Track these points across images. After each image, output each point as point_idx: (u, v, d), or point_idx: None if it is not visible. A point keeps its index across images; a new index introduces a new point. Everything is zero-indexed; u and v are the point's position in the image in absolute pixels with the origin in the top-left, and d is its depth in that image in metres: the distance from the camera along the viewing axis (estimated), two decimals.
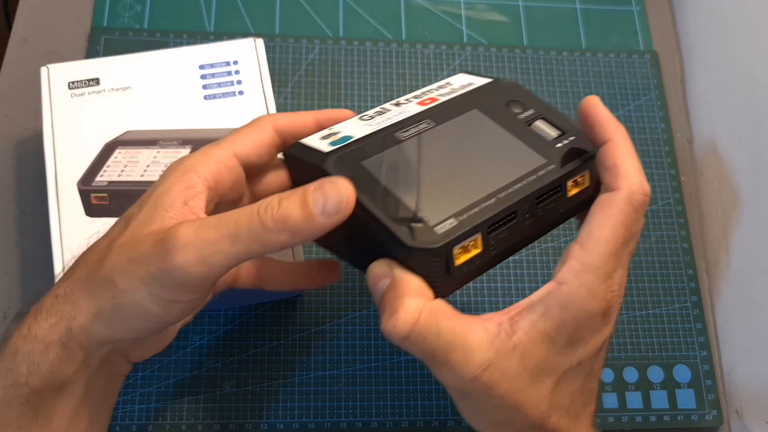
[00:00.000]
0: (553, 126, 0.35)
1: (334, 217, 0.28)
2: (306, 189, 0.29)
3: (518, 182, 0.32)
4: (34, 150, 0.51)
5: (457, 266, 0.30)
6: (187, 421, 0.45)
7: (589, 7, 0.62)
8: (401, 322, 0.29)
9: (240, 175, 0.34)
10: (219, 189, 0.33)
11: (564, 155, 0.34)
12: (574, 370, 0.32)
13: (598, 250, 0.30)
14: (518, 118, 0.36)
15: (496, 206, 0.31)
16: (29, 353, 0.30)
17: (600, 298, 0.30)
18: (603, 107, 0.33)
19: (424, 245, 0.29)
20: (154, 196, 0.31)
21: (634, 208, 0.31)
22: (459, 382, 0.30)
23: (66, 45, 0.54)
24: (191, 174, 0.32)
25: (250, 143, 0.34)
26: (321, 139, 0.34)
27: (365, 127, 0.35)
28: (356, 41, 0.57)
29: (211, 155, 0.33)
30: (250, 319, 0.48)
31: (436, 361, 0.30)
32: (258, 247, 0.29)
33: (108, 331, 0.30)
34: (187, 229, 0.28)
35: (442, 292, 0.31)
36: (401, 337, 0.29)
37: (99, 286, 0.30)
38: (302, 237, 0.29)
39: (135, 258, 0.29)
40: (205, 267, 0.28)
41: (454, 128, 0.35)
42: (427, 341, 0.29)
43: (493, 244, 0.31)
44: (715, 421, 0.49)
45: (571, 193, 0.33)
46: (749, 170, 0.51)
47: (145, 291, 0.29)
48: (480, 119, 0.35)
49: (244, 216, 0.28)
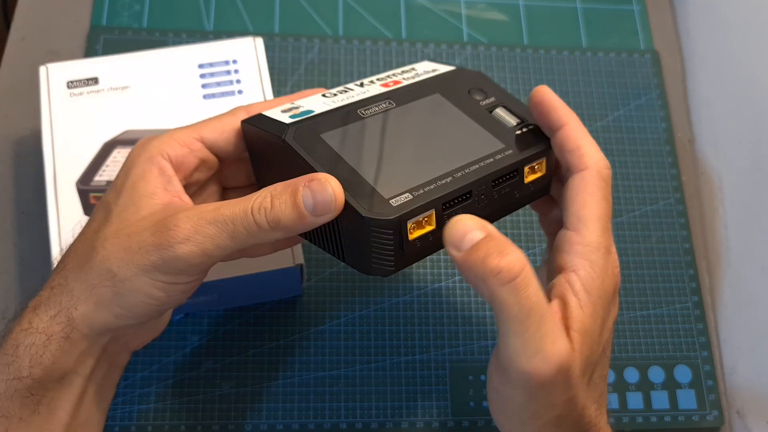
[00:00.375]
0: (513, 114, 0.36)
1: (325, 216, 0.29)
2: (295, 187, 0.29)
3: (475, 164, 0.33)
4: (33, 149, 0.50)
5: (410, 241, 0.30)
6: (186, 422, 0.45)
7: (590, 6, 0.62)
8: (516, 259, 0.27)
9: (207, 158, 0.34)
10: (183, 171, 0.34)
11: (522, 142, 0.34)
12: (603, 357, 0.32)
13: (592, 228, 0.31)
14: (480, 105, 0.36)
15: (451, 185, 0.31)
16: (31, 346, 0.30)
17: (610, 274, 0.31)
18: (554, 95, 0.34)
19: (378, 216, 0.29)
20: (129, 182, 0.32)
21: (606, 182, 0.32)
22: (532, 356, 0.28)
23: (65, 44, 0.54)
24: (158, 158, 0.33)
25: (219, 128, 0.34)
26: (282, 112, 0.34)
27: (327, 103, 0.35)
28: (356, 40, 0.57)
29: (175, 137, 0.33)
30: (249, 320, 0.48)
31: (527, 321, 0.28)
32: (254, 241, 0.30)
33: (110, 318, 0.31)
34: (186, 223, 0.29)
35: (394, 267, 0.31)
36: (514, 273, 0.27)
37: (95, 276, 0.30)
38: (295, 232, 0.30)
39: (133, 248, 0.30)
40: (206, 257, 0.30)
41: (415, 109, 0.35)
42: (530, 290, 0.28)
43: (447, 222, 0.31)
44: (716, 421, 0.49)
45: (528, 179, 0.34)
46: (750, 170, 0.51)
47: (145, 278, 0.30)
48: (441, 103, 0.36)
49: (239, 214, 0.29)
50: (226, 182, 0.38)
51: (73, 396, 0.32)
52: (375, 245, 0.30)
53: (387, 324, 0.49)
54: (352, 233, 0.30)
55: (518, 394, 0.30)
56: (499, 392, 0.31)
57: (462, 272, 0.29)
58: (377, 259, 0.30)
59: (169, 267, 0.30)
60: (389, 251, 0.30)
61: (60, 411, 0.32)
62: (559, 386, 0.29)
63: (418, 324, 0.49)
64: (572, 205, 0.32)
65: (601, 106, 0.57)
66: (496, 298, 0.28)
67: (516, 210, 0.35)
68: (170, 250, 0.29)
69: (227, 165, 0.37)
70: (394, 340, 0.48)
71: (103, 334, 0.32)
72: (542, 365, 0.28)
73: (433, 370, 0.48)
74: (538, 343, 0.28)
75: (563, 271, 0.31)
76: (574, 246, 0.31)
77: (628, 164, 0.56)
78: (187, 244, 0.29)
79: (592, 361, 0.31)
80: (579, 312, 0.30)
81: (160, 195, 0.32)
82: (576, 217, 0.32)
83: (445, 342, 0.49)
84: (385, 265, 0.30)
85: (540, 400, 0.30)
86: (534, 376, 0.28)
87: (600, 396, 0.33)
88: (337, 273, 0.50)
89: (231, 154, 0.35)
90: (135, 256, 0.30)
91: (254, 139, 0.35)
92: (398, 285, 0.50)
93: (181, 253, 0.29)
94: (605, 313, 0.31)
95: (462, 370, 0.48)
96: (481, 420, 0.47)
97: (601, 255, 0.31)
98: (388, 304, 0.49)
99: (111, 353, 0.34)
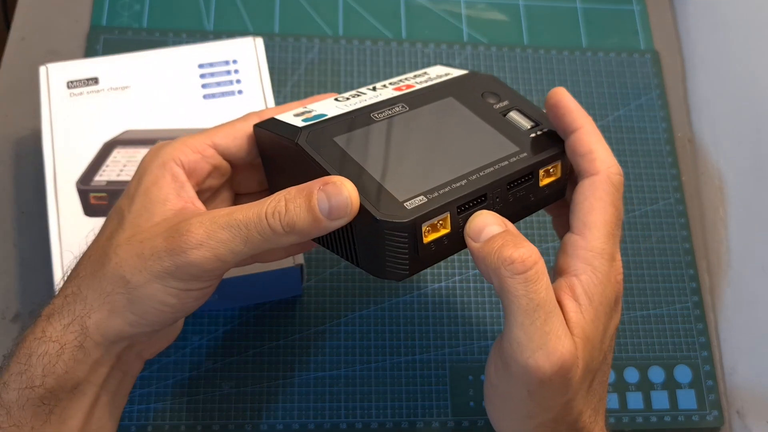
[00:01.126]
0: (527, 117, 0.36)
1: (341, 220, 0.29)
2: (310, 191, 0.29)
3: (490, 167, 0.32)
4: (33, 149, 0.50)
5: (425, 244, 0.30)
6: (186, 422, 0.45)
7: (590, 6, 0.62)
8: (530, 252, 0.28)
9: (220, 164, 0.34)
10: (196, 177, 0.33)
11: (537, 145, 0.34)
12: (603, 364, 0.32)
13: (597, 234, 0.31)
14: (493, 108, 0.36)
15: (466, 187, 0.31)
16: (44, 355, 0.30)
17: (612, 282, 0.31)
18: (571, 97, 0.34)
19: (393, 219, 0.29)
20: (142, 188, 0.32)
21: (616, 188, 0.32)
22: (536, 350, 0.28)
23: (65, 44, 0.54)
24: (171, 164, 0.32)
25: (231, 134, 0.34)
26: (294, 116, 0.34)
27: (340, 107, 0.35)
28: (356, 40, 0.57)
29: (188, 144, 0.33)
30: (249, 320, 0.48)
31: (534, 314, 0.28)
32: (268, 246, 0.30)
33: (124, 326, 0.30)
34: (199, 228, 0.29)
35: (408, 271, 0.30)
36: (526, 265, 0.28)
37: (108, 283, 0.30)
38: (310, 237, 0.30)
39: (146, 254, 0.30)
40: (219, 263, 0.29)
41: (428, 113, 0.35)
42: (540, 285, 0.28)
43: (462, 226, 0.31)
44: (716, 421, 0.49)
45: (543, 182, 0.34)
46: (750, 170, 0.51)
47: (159, 284, 0.29)
48: (455, 106, 0.36)
49: (253, 218, 0.29)
50: (239, 188, 0.38)
51: (85, 405, 0.32)
52: (389, 249, 0.29)
53: (387, 324, 0.49)
54: (366, 237, 0.30)
55: (517, 391, 0.30)
56: (497, 388, 0.31)
57: (477, 263, 0.30)
58: (392, 262, 0.30)
59: (183, 273, 0.29)
60: (404, 255, 0.30)
61: (72, 420, 0.31)
62: (558, 386, 0.29)
63: (418, 324, 0.49)
64: (579, 210, 0.32)
65: (601, 106, 0.57)
66: (506, 287, 0.28)
67: (531, 214, 0.35)
68: (183, 256, 0.29)
69: (240, 171, 0.36)
70: (394, 340, 0.48)
71: (116, 343, 0.31)
72: (544, 361, 0.28)
73: (433, 370, 0.48)
74: (543, 338, 0.28)
75: (564, 275, 0.31)
76: (578, 250, 0.31)
77: (628, 164, 0.56)
78: (201, 249, 0.29)
79: (592, 368, 0.31)
80: (579, 317, 0.30)
81: (173, 201, 0.32)
82: (582, 222, 0.31)
83: (445, 342, 0.49)
84: (399, 269, 0.30)
85: (537, 399, 0.29)
86: (535, 372, 0.28)
87: (598, 402, 0.32)
88: (337, 273, 0.50)
89: (243, 160, 0.35)
90: (148, 263, 0.29)
91: (267, 143, 0.34)
92: (398, 285, 0.50)
93: (194, 258, 0.29)
94: (607, 320, 0.31)
95: (462, 370, 0.48)
96: (481, 420, 0.47)
97: (605, 261, 0.31)
98: (388, 304, 0.49)
99: (125, 362, 0.33)
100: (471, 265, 0.51)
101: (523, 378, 0.29)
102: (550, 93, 0.34)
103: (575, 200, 0.32)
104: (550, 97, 0.34)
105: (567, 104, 0.34)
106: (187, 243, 0.29)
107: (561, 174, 0.34)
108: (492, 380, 0.31)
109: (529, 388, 0.29)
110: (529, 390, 0.29)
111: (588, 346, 0.30)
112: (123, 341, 0.32)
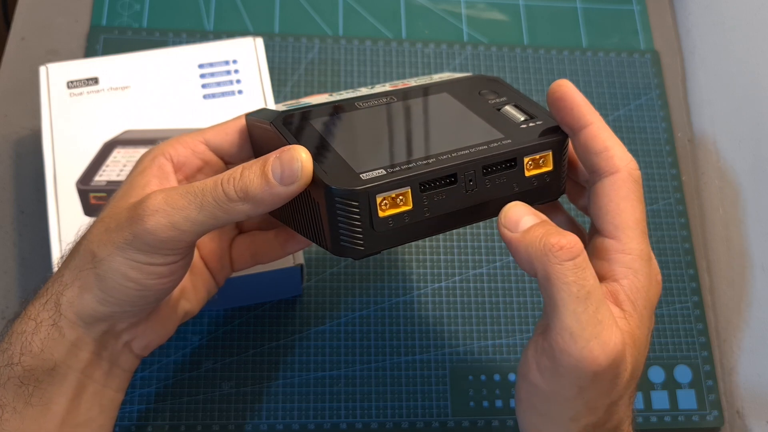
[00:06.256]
0: (523, 111, 0.34)
1: (293, 185, 0.28)
2: (266, 158, 0.29)
3: (466, 149, 0.31)
4: (33, 149, 0.50)
5: (381, 218, 0.29)
6: (186, 422, 0.45)
7: (590, 5, 0.62)
8: (576, 240, 0.27)
9: (210, 159, 0.35)
10: (185, 171, 0.34)
11: (525, 133, 0.32)
12: (641, 371, 0.31)
13: (631, 235, 0.30)
14: (488, 103, 0.35)
15: (433, 165, 0.30)
16: (22, 333, 0.31)
17: (654, 281, 0.30)
18: (577, 90, 0.32)
19: (343, 186, 0.28)
20: (129, 178, 0.34)
21: (639, 184, 0.31)
22: (590, 339, 0.27)
23: (65, 44, 0.54)
24: (160, 157, 0.34)
25: (223, 130, 0.35)
26: (284, 106, 0.35)
27: (329, 99, 0.35)
28: (356, 40, 0.57)
29: (179, 140, 0.35)
30: (249, 320, 0.48)
31: (587, 301, 0.27)
32: (223, 215, 0.29)
33: (94, 304, 0.31)
34: (157, 196, 0.30)
35: (364, 247, 0.29)
36: (575, 251, 0.27)
37: (80, 259, 0.31)
38: (264, 206, 0.29)
39: (111, 227, 0.30)
40: (175, 231, 0.29)
41: (416, 104, 0.34)
42: (589, 272, 0.27)
43: (427, 205, 0.30)
44: (716, 421, 0.49)
45: (530, 173, 0.32)
46: (750, 170, 0.51)
47: (121, 257, 0.30)
48: (447, 100, 0.35)
49: (209, 185, 0.29)
50: None
51: (67, 391, 0.32)
52: (342, 220, 0.28)
53: (387, 324, 0.49)
54: (321, 209, 0.29)
55: (566, 389, 0.28)
56: (539, 389, 0.29)
57: (516, 253, 0.28)
58: (346, 236, 0.29)
59: (140, 243, 0.29)
60: (357, 227, 0.29)
61: (55, 406, 0.32)
62: (608, 382, 0.28)
63: (418, 324, 0.49)
64: (606, 212, 0.30)
65: (601, 106, 0.57)
66: (554, 275, 0.27)
67: None
68: (140, 223, 0.29)
69: None
70: (394, 340, 0.48)
71: (92, 324, 0.31)
72: (600, 351, 0.27)
73: (433, 370, 0.48)
74: (597, 327, 0.27)
75: (603, 281, 0.30)
76: (614, 254, 0.30)
77: None
78: (156, 216, 0.29)
79: (636, 374, 0.30)
80: (624, 323, 0.29)
81: (152, 186, 0.33)
82: (612, 225, 0.30)
83: (445, 342, 0.49)
84: (355, 244, 0.29)
85: (587, 397, 0.28)
86: (590, 363, 0.27)
87: (631, 413, 0.32)
88: (337, 273, 0.50)
89: (235, 156, 0.35)
90: (112, 235, 0.30)
91: (253, 131, 0.35)
92: (398, 285, 0.50)
93: (150, 225, 0.29)
94: (651, 324, 0.30)
95: (462, 370, 0.48)
96: (481, 420, 0.47)
97: (644, 263, 0.30)
98: (388, 304, 0.49)
99: (111, 351, 0.33)
100: (471, 265, 0.51)
101: (576, 372, 0.27)
102: (554, 86, 0.32)
103: (598, 202, 0.31)
104: (554, 90, 0.32)
105: (573, 98, 0.32)
106: (144, 210, 0.29)
107: (552, 166, 0.32)
108: (533, 381, 0.30)
109: (581, 384, 0.28)
110: (580, 386, 0.28)
111: (634, 351, 0.29)
112: (98, 323, 0.32)
